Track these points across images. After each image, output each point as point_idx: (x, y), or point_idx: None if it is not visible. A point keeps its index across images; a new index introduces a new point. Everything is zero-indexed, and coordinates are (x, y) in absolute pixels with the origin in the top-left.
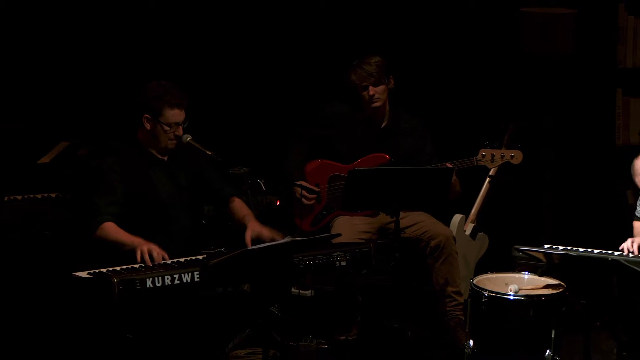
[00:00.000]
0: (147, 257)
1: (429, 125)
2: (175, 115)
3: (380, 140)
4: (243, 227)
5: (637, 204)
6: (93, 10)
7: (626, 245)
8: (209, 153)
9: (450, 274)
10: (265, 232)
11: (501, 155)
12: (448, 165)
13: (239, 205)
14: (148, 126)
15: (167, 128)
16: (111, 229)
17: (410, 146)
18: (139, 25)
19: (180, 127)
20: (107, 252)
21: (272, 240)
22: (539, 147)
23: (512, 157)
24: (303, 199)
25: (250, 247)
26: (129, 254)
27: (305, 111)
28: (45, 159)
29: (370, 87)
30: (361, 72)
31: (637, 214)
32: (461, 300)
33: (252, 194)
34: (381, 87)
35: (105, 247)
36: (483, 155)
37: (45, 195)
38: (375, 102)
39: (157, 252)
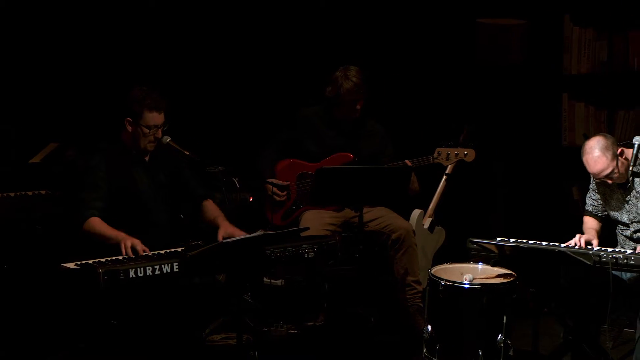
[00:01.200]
0: (130, 251)
1: (391, 127)
2: (154, 118)
3: (347, 141)
4: (214, 227)
5: (587, 198)
6: (76, 22)
7: (574, 241)
8: (187, 153)
9: (410, 264)
10: (237, 232)
11: (455, 153)
12: (407, 162)
13: (211, 207)
14: (130, 129)
15: (146, 130)
16: (97, 224)
17: (373, 148)
18: (119, 29)
19: (159, 130)
20: (94, 245)
21: None
22: (492, 147)
23: (465, 155)
24: (274, 196)
25: (225, 240)
26: (113, 247)
27: (276, 114)
28: (36, 159)
29: (359, 102)
30: (351, 85)
31: (586, 208)
32: (420, 288)
33: (227, 191)
34: (363, 100)
35: (91, 241)
36: (439, 154)
37: (36, 192)
38: (357, 114)
39: (140, 246)
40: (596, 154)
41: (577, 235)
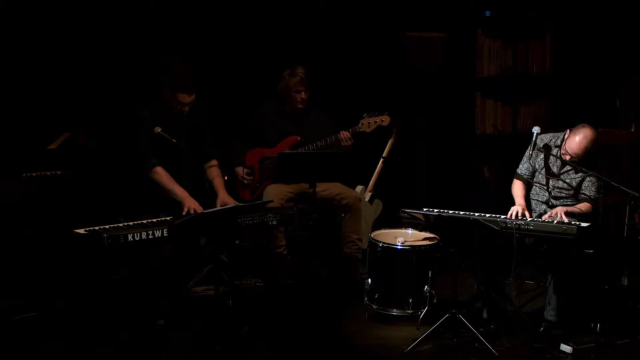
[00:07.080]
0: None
1: (341, 119)
2: (184, 97)
3: (296, 128)
4: (214, 190)
5: (521, 165)
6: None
7: (514, 212)
8: (174, 141)
9: (355, 225)
10: (231, 200)
11: (374, 121)
12: (343, 132)
13: (214, 170)
14: (166, 94)
15: (177, 104)
16: (163, 175)
17: (317, 132)
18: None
19: (187, 106)
20: (98, 214)
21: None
22: (419, 135)
23: (382, 120)
24: (243, 180)
25: (204, 211)
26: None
27: (241, 112)
28: (53, 146)
29: (303, 92)
30: (297, 79)
31: (519, 172)
32: (360, 244)
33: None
34: (308, 93)
35: (156, 188)
36: (362, 124)
37: (54, 172)
38: (303, 103)
39: (196, 207)
40: (584, 144)
41: (518, 208)
